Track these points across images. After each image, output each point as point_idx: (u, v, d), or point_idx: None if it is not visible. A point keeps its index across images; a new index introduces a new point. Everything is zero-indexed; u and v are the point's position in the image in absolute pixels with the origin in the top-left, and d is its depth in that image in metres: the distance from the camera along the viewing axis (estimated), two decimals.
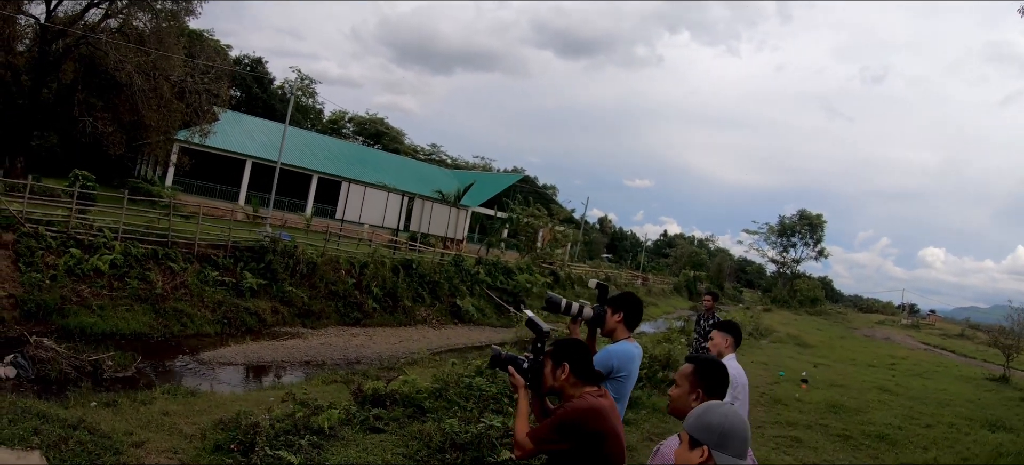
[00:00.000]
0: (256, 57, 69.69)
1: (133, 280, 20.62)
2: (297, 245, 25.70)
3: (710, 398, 3.35)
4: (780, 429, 11.92)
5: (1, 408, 9.08)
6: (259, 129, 53.01)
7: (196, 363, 17.99)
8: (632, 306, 4.80)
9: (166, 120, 36.11)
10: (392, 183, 43.71)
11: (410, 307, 27.65)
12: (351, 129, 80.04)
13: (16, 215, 20.40)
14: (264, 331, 21.94)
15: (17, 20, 34.95)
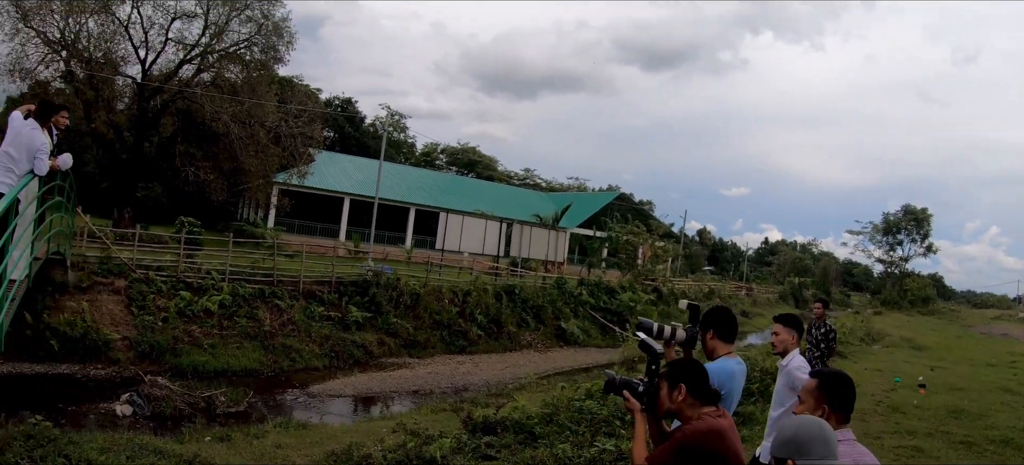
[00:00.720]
0: (346, 98, 71.13)
1: (242, 318, 21.21)
2: (399, 277, 25.89)
3: (837, 413, 3.20)
4: (900, 438, 11.25)
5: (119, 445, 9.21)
6: (354, 167, 53.91)
7: (306, 396, 18.26)
8: (722, 320, 4.54)
9: (264, 164, 37.01)
10: (489, 210, 43.69)
11: (515, 332, 27.52)
12: (444, 160, 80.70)
13: (127, 262, 21.40)
14: (371, 363, 22.10)
15: (115, 81, 36.47)
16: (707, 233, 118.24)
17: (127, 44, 36.31)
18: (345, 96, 71.38)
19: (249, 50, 37.71)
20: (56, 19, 33.36)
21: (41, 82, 33.99)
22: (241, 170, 37.27)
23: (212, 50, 36.74)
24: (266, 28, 36.92)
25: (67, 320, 18.23)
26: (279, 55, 38.19)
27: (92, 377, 17.39)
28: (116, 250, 22.31)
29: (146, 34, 36.42)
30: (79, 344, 18.00)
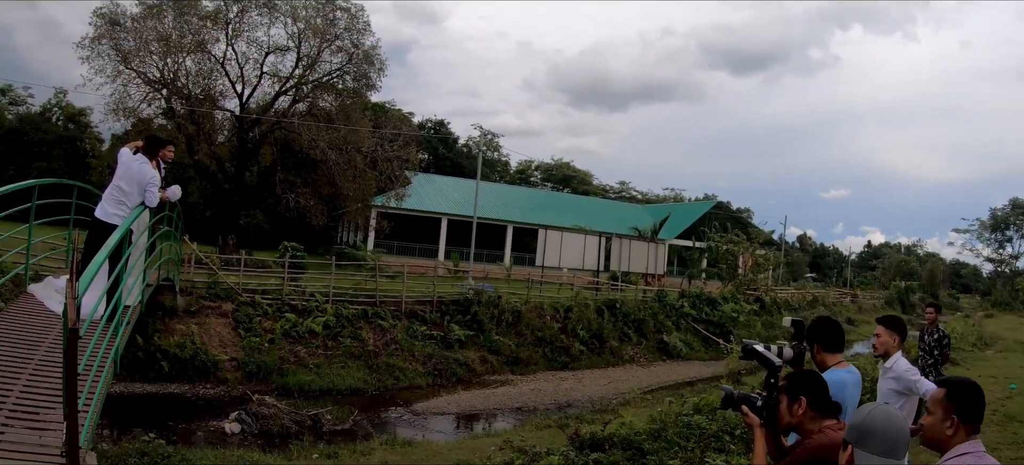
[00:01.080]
0: (438, 120, 71.73)
1: (346, 339, 21.74)
2: (500, 295, 25.93)
3: (967, 424, 2.97)
4: (1017, 451, 10.65)
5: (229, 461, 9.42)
6: (450, 187, 54.45)
7: (410, 414, 18.52)
8: (827, 331, 4.37)
9: (362, 189, 37.78)
10: (587, 225, 43.51)
11: (617, 347, 27.29)
12: (539, 177, 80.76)
13: (234, 287, 22.21)
14: (474, 380, 22.26)
15: (215, 115, 37.87)
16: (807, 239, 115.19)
17: (224, 79, 37.66)
18: (437, 118, 72.13)
19: (342, 79, 38.63)
20: (155, 60, 34.88)
21: (144, 119, 35.58)
22: (340, 195, 38.12)
23: (306, 81, 37.76)
24: (357, 57, 37.72)
25: (177, 342, 19.00)
26: (371, 82, 39.00)
27: (201, 396, 18.09)
28: (222, 275, 23.09)
29: (242, 69, 37.65)
30: (189, 365, 18.77)
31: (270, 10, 36.87)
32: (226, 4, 36.38)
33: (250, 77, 38.06)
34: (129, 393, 17.34)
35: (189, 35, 35.02)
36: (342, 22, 37.20)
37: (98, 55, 34.63)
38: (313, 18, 36.58)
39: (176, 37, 34.70)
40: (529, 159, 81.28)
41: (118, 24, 35.23)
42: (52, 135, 56.43)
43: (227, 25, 36.51)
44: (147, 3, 35.43)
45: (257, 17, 37.18)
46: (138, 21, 35.05)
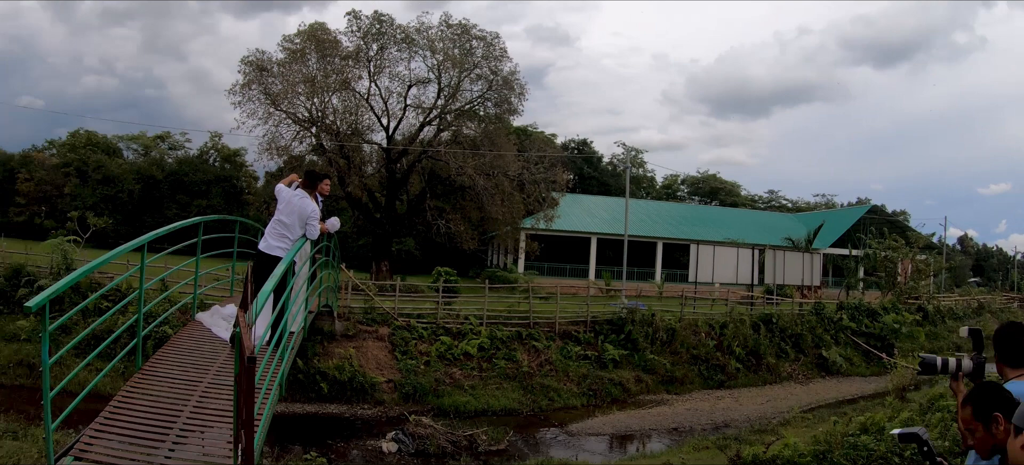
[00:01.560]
0: (581, 139, 71.68)
1: (500, 360, 22.06)
2: (654, 313, 25.57)
3: None
4: None
5: None
6: (597, 206, 54.31)
7: (565, 435, 18.50)
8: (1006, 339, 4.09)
9: (510, 212, 38.31)
10: (738, 237, 42.61)
11: (774, 364, 26.38)
12: (686, 191, 79.57)
13: (390, 311, 22.97)
14: (629, 400, 22.00)
15: (363, 148, 39.39)
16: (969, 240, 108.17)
17: (370, 114, 39.26)
18: (580, 138, 72.14)
19: (483, 106, 39.49)
20: (302, 100, 36.79)
21: (295, 156, 37.37)
22: (489, 219, 38.82)
23: (449, 110, 38.75)
24: (496, 83, 38.48)
25: (335, 365, 19.85)
26: (513, 107, 39.80)
27: (359, 416, 18.72)
28: (378, 300, 23.87)
29: (386, 103, 39.19)
30: (347, 386, 19.55)
31: (408, 45, 38.11)
32: (365, 43, 37.79)
33: (395, 110, 39.43)
34: (290, 413, 18.20)
35: (333, 75, 36.61)
36: (479, 51, 38.04)
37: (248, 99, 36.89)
38: (450, 49, 37.53)
39: (321, 78, 36.37)
40: (675, 173, 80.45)
41: (265, 70, 37.27)
42: (210, 175, 59.87)
43: (368, 62, 37.94)
44: (290, 48, 37.31)
45: (396, 53, 38.58)
46: (283, 66, 37.06)
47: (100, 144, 62.56)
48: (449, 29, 38.20)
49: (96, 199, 53.05)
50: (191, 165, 62.15)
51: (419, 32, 38.32)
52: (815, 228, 45.81)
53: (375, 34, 38.02)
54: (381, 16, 38.12)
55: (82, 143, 61.44)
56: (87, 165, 58.00)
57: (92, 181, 56.79)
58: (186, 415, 6.33)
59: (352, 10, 38.42)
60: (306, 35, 37.99)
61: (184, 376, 7.40)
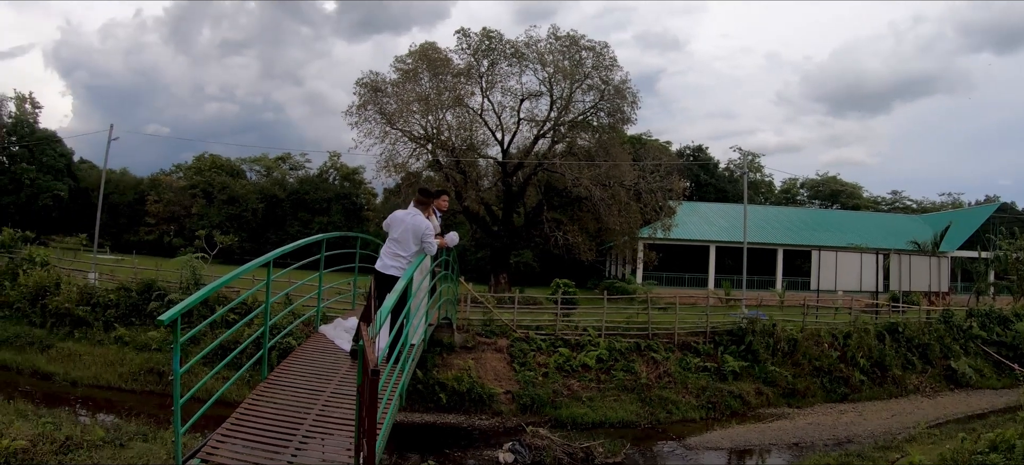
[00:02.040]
0: (696, 146, 70.56)
1: (618, 372, 22.02)
2: (775, 323, 24.98)
3: None
4: None
5: None
6: (715, 213, 53.56)
7: (682, 448, 18.33)
8: None
9: (627, 222, 38.27)
10: (861, 241, 41.26)
11: (900, 376, 25.19)
12: (805, 194, 77.43)
13: (508, 323, 23.31)
14: (748, 413, 21.58)
15: (479, 162, 40.07)
16: None
17: (484, 129, 39.91)
18: (695, 144, 71.04)
19: (596, 116, 39.64)
20: (417, 118, 37.69)
21: (412, 173, 38.37)
22: (606, 229, 38.89)
23: (562, 122, 39.00)
24: (608, 93, 38.63)
25: (454, 376, 20.26)
26: (626, 116, 39.91)
27: (476, 427, 19.05)
28: (497, 313, 24.24)
29: (499, 117, 39.82)
30: (465, 397, 19.97)
31: (518, 60, 38.57)
32: (476, 60, 38.43)
33: (508, 124, 40.00)
34: (409, 422, 18.77)
35: (446, 92, 37.44)
36: (589, 61, 38.20)
37: (364, 120, 38.17)
38: (560, 61, 37.82)
39: (434, 96, 37.20)
40: (793, 177, 78.38)
41: (379, 90, 38.43)
42: (330, 193, 61.90)
43: (480, 79, 38.60)
44: (403, 68, 38.31)
45: (507, 68, 39.16)
46: (397, 85, 38.08)
47: (224, 166, 65.45)
48: (557, 41, 38.48)
49: (222, 218, 55.65)
50: (311, 184, 64.39)
51: (528, 46, 38.74)
52: (942, 230, 44.00)
53: (485, 50, 38.63)
54: (490, 32, 38.70)
55: (207, 166, 64.46)
56: (213, 186, 60.91)
57: (218, 201, 59.52)
58: (309, 423, 6.69)
59: (461, 28, 39.20)
60: (417, 55, 38.88)
61: (307, 385, 7.82)
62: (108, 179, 60.03)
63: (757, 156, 74.96)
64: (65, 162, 62.95)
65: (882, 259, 32.64)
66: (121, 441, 11.68)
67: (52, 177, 60.16)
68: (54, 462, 10.55)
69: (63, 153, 63.15)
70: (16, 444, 10.47)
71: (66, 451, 10.88)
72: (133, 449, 11.29)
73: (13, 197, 57.59)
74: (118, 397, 19.02)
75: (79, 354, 21.80)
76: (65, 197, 60.39)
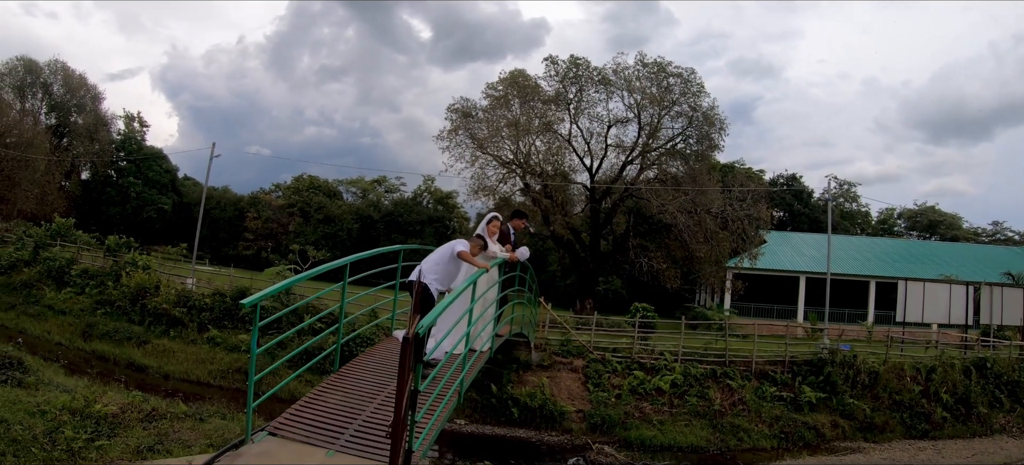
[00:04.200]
0: (790, 174, 69.44)
1: (692, 397, 22.14)
2: (856, 355, 24.59)
3: None
4: None
5: None
6: (807, 244, 52.63)
7: None
8: None
9: (714, 250, 38.24)
10: (955, 274, 40.05)
11: (986, 414, 24.25)
12: (903, 225, 75.20)
13: (585, 345, 23.65)
14: (822, 446, 21.32)
15: (568, 188, 40.44)
16: None
17: (572, 155, 40.33)
18: (788, 173, 69.88)
19: (685, 142, 39.63)
20: (507, 143, 38.28)
21: (503, 197, 38.89)
22: (693, 258, 38.81)
23: (650, 148, 39.15)
24: (697, 119, 38.68)
25: (527, 392, 20.87)
26: (714, 142, 39.86)
27: (545, 442, 19.51)
28: (574, 334, 24.62)
29: (588, 144, 40.35)
30: (537, 413, 20.53)
31: (606, 86, 39.00)
32: (564, 87, 38.93)
33: (596, 150, 40.49)
34: (479, 433, 19.65)
35: (536, 119, 38.03)
36: (677, 87, 38.31)
37: (456, 144, 39.11)
38: (648, 88, 38.10)
39: (524, 121, 37.77)
40: (891, 207, 76.28)
41: (470, 116, 39.29)
42: (424, 216, 63.00)
43: (569, 105, 39.07)
44: (494, 95, 39.06)
45: (594, 94, 39.67)
46: (488, 112, 38.85)
47: (322, 187, 67.38)
48: (645, 68, 38.82)
49: (317, 236, 57.23)
50: (405, 206, 65.66)
51: (616, 73, 39.20)
52: None
53: (573, 77, 39.16)
54: (577, 60, 39.28)
55: (305, 186, 66.43)
56: (310, 206, 62.82)
57: (314, 220, 61.28)
58: (369, 411, 7.50)
59: (549, 56, 39.86)
60: (508, 82, 39.66)
61: (373, 379, 8.63)
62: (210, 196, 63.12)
63: (854, 185, 73.04)
64: (169, 178, 66.02)
65: (972, 291, 31.59)
66: (201, 416, 12.86)
67: (157, 191, 63.25)
68: (139, 427, 11.72)
69: (168, 169, 66.18)
70: (107, 409, 11.99)
71: (151, 420, 12.12)
72: (211, 424, 12.37)
73: (119, 209, 60.67)
74: (206, 391, 20.27)
75: (173, 351, 23.86)
76: (168, 210, 63.43)
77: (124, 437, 11.20)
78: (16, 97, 56.93)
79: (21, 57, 58.21)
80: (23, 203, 47.51)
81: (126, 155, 63.42)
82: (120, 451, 10.49)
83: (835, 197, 68.75)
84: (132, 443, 10.87)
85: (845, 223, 67.81)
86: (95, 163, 62.24)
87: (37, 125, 54.99)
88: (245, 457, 6.27)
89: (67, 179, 60.98)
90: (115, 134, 64.84)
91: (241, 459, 6.23)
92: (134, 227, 56.55)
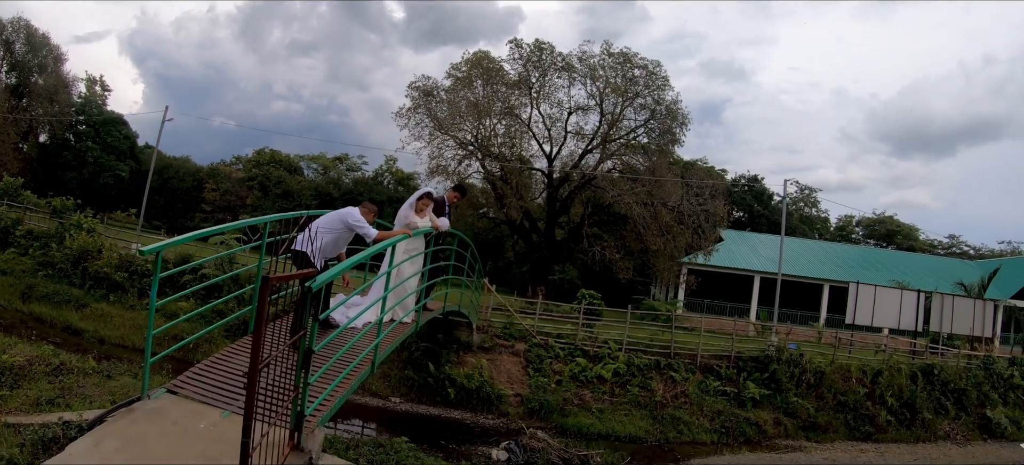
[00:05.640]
0: (751, 175, 69.54)
1: (634, 387, 21.92)
2: (803, 353, 24.48)
3: None
4: None
5: None
6: (764, 244, 52.51)
7: None
8: None
9: (669, 244, 37.92)
10: (908, 282, 40.08)
11: (930, 420, 24.35)
12: (860, 233, 75.39)
13: (528, 329, 23.29)
14: (763, 442, 21.10)
15: (525, 174, 40.23)
16: None
17: (532, 141, 39.97)
18: (750, 174, 69.92)
19: (647, 134, 39.36)
20: (467, 125, 37.88)
21: (460, 178, 38.70)
22: (647, 250, 38.52)
23: (611, 139, 38.80)
24: (659, 112, 38.38)
25: (466, 373, 20.41)
26: (675, 137, 39.59)
27: (480, 425, 19.19)
28: (518, 318, 24.22)
29: (548, 130, 39.77)
30: (474, 395, 20.12)
31: (569, 73, 38.56)
32: (527, 71, 38.52)
33: (556, 137, 40.03)
34: (413, 412, 19.32)
35: (498, 102, 37.55)
36: (642, 79, 38.05)
37: (416, 124, 38.38)
38: (612, 78, 37.78)
39: (485, 104, 37.30)
40: (850, 214, 76.76)
41: (431, 95, 38.71)
42: (384, 196, 62.48)
43: (531, 90, 38.62)
44: (456, 75, 38.58)
45: (557, 80, 39.21)
46: (450, 92, 38.32)
47: (283, 162, 66.78)
48: (610, 58, 38.51)
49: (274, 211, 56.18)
50: (366, 185, 65.26)
51: (581, 61, 38.96)
52: (991, 272, 42.61)
53: (536, 62, 38.72)
54: (541, 44, 38.92)
55: (266, 160, 65.84)
56: (269, 180, 62.12)
57: (272, 195, 60.61)
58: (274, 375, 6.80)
59: (514, 39, 39.37)
60: (472, 63, 39.25)
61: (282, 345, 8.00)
62: (169, 165, 62.43)
63: (814, 191, 73.31)
64: (129, 144, 64.63)
65: (924, 298, 31.54)
66: (110, 373, 12.56)
67: (115, 157, 61.92)
68: (44, 380, 11.57)
69: (127, 135, 64.82)
70: (13, 360, 11.90)
71: (58, 374, 11.94)
72: (119, 381, 12.02)
73: (76, 173, 59.38)
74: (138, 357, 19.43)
75: (111, 316, 23.31)
76: (126, 177, 62.05)
77: (26, 389, 11.00)
78: None
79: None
80: None
81: (85, 119, 62.17)
82: (19, 402, 10.24)
83: (795, 201, 69.06)
84: (32, 395, 10.59)
85: (804, 227, 68.12)
86: (53, 125, 60.78)
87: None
88: (137, 412, 6.29)
89: (24, 141, 60.22)
90: (76, 97, 63.59)
91: (133, 414, 6.25)
92: (91, 193, 56.08)
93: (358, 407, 19.18)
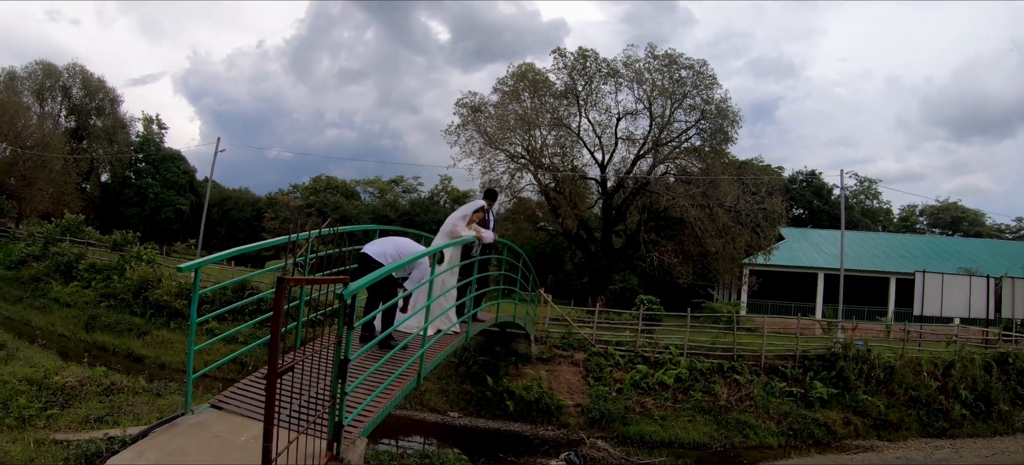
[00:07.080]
0: (809, 171, 68.34)
1: (697, 392, 21.58)
2: (871, 349, 23.79)
3: None
4: None
5: None
6: (825, 240, 51.53)
7: None
8: None
9: (728, 246, 37.42)
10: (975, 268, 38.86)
11: (1007, 412, 23.15)
12: (924, 222, 73.85)
13: (586, 338, 23.17)
14: (833, 443, 20.54)
15: (580, 183, 40.11)
16: None
17: (583, 150, 39.84)
18: (808, 170, 68.64)
19: (698, 134, 38.99)
20: (517, 138, 37.96)
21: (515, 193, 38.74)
22: (707, 253, 38.04)
23: (662, 142, 38.50)
24: (710, 112, 37.95)
25: (524, 385, 20.39)
26: (728, 135, 39.00)
27: (540, 436, 18.98)
28: (576, 327, 24.09)
29: (599, 138, 39.58)
30: (533, 407, 20.03)
31: (614, 77, 38.41)
32: (572, 79, 38.43)
33: (607, 144, 39.78)
34: (473, 427, 19.27)
35: (546, 113, 37.51)
36: (689, 80, 37.69)
37: (466, 140, 38.50)
38: (658, 80, 37.47)
39: (533, 115, 37.28)
40: (912, 204, 74.90)
41: (479, 111, 38.79)
42: (440, 215, 62.64)
43: (578, 98, 38.53)
44: (503, 90, 38.65)
45: (603, 86, 39.08)
46: (498, 106, 38.36)
47: (339, 187, 67.86)
48: (655, 60, 38.20)
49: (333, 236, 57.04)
50: (422, 206, 65.92)
51: (626, 65, 38.68)
52: None
53: (581, 70, 38.61)
54: (586, 51, 38.80)
55: (323, 187, 66.96)
56: (326, 206, 62.97)
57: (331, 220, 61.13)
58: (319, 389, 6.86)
59: (557, 48, 39.33)
60: (518, 75, 39.32)
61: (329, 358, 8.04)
62: (228, 197, 63.87)
63: (875, 182, 71.64)
64: (188, 179, 66.29)
65: (993, 284, 30.48)
66: (159, 392, 13.01)
67: (175, 192, 63.57)
68: (95, 399, 12.01)
69: (186, 170, 66.41)
70: (65, 381, 12.45)
71: (108, 393, 12.35)
72: (168, 400, 12.43)
73: (138, 210, 60.86)
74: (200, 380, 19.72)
75: (171, 342, 24.15)
76: (186, 211, 63.66)
77: (77, 408, 11.43)
78: (35, 100, 57.55)
79: (40, 61, 58.94)
80: (38, 202, 48.13)
81: (144, 157, 63.88)
82: (69, 420, 10.71)
83: (855, 194, 67.69)
84: (82, 413, 11.09)
85: (866, 220, 66.79)
86: (113, 164, 62.54)
87: (57, 128, 55.55)
88: (180, 427, 6.41)
89: (86, 180, 61.81)
90: (134, 137, 65.34)
91: (175, 428, 6.35)
92: (152, 227, 58.46)
93: (416, 422, 19.26)
